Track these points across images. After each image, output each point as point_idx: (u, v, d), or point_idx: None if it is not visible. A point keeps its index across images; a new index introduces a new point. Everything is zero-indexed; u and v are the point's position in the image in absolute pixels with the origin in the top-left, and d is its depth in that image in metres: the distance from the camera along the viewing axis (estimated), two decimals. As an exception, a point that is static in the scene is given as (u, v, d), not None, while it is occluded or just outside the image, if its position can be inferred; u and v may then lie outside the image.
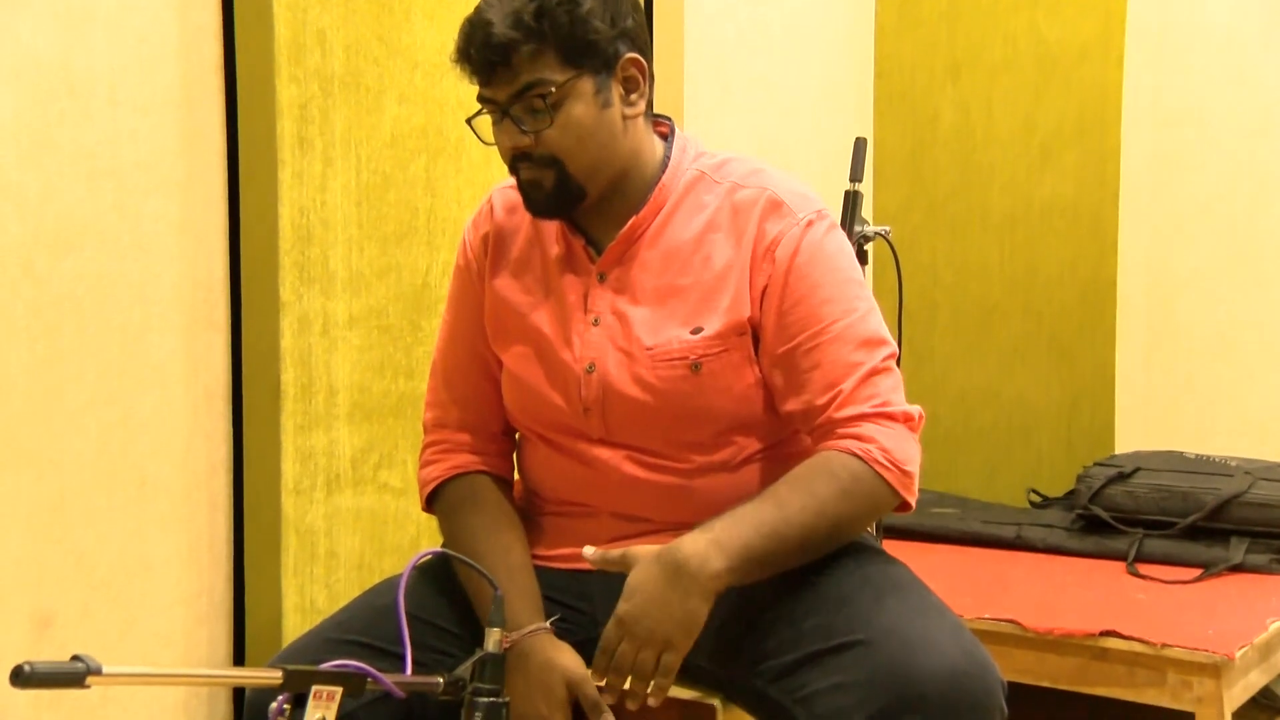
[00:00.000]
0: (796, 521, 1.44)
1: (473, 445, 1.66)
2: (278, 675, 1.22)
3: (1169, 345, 3.55)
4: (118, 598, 2.06)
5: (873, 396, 1.49)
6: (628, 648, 1.42)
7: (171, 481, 2.15)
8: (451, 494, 1.64)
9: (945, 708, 1.32)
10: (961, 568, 3.06)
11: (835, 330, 1.50)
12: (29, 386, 1.94)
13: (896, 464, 1.48)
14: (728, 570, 1.41)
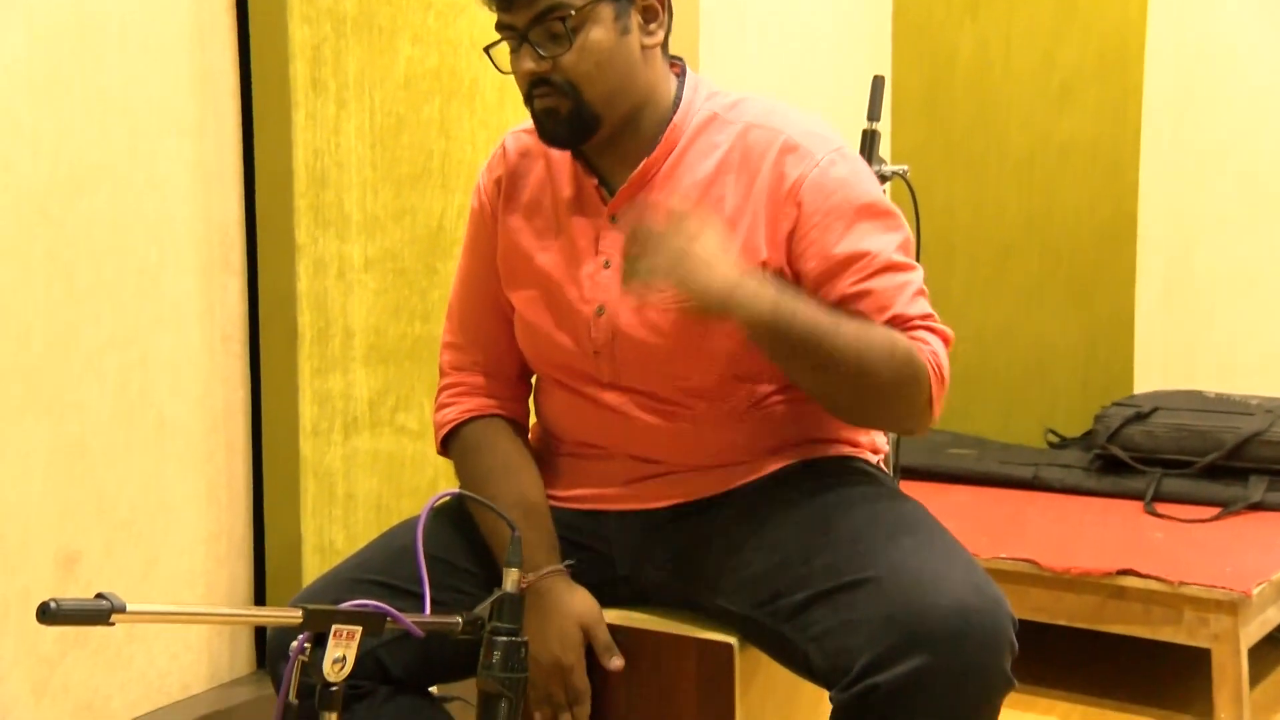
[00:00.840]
0: (841, 345, 1.41)
1: (488, 388, 1.67)
2: (298, 615, 1.24)
3: (1189, 283, 3.52)
4: (140, 537, 2.09)
5: (924, 315, 1.50)
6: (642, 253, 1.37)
7: (190, 423, 2.16)
8: (467, 437, 1.65)
9: (955, 644, 1.32)
10: (978, 508, 3.07)
11: (879, 261, 1.49)
12: (47, 329, 1.95)
13: (941, 370, 1.48)
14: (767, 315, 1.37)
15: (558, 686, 1.52)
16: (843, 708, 1.37)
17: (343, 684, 1.25)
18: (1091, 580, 2.63)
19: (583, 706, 1.53)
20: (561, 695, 1.52)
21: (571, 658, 1.51)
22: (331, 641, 1.24)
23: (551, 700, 1.52)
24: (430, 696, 1.62)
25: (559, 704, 1.53)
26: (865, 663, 1.34)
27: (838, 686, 1.37)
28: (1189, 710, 2.62)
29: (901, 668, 1.32)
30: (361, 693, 1.54)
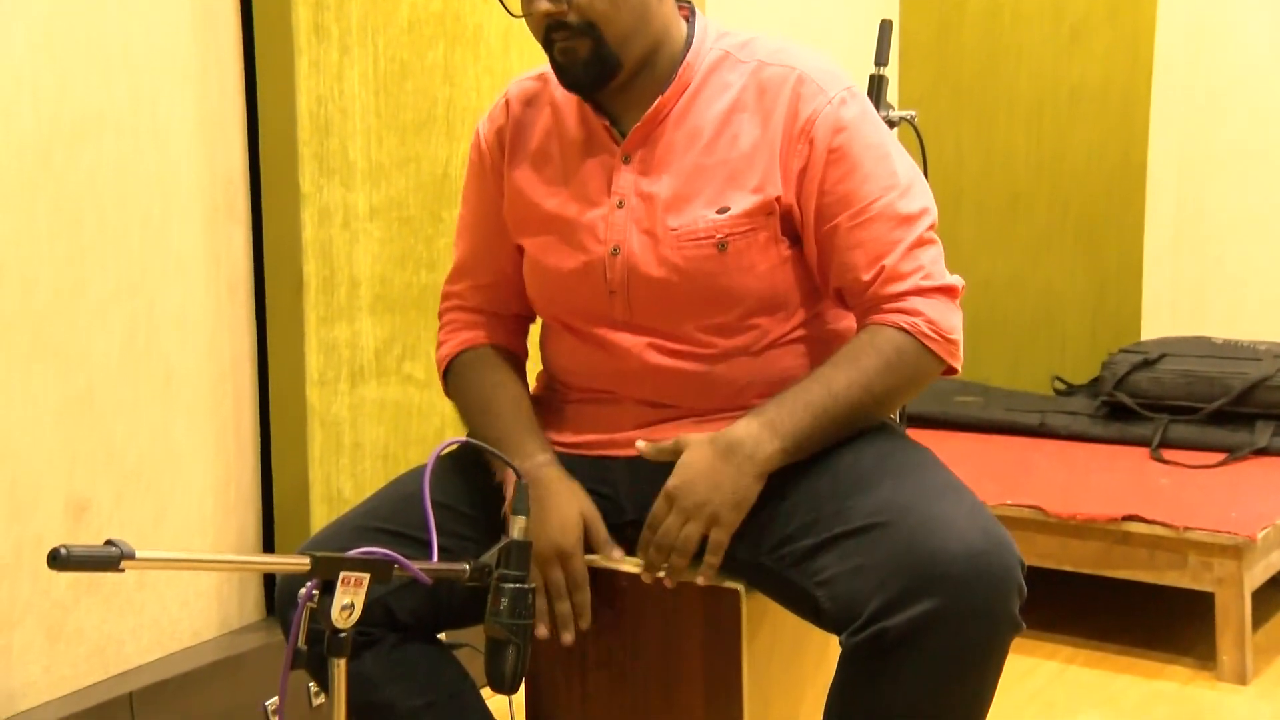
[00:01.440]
0: (844, 399, 1.47)
1: (481, 323, 1.69)
2: (306, 562, 1.24)
3: (1199, 229, 3.50)
4: (149, 486, 2.09)
5: (917, 270, 1.50)
6: (674, 521, 1.45)
7: (197, 373, 2.16)
8: (460, 364, 1.67)
9: (964, 587, 1.33)
10: (985, 455, 3.07)
11: (876, 208, 1.50)
12: (54, 279, 1.94)
13: (942, 334, 1.49)
14: (781, 451, 1.45)
15: (557, 572, 1.52)
16: (851, 652, 1.38)
17: (351, 631, 1.26)
18: (1097, 526, 2.63)
19: (582, 592, 1.53)
20: (561, 581, 1.52)
21: (571, 542, 1.51)
22: (340, 588, 1.25)
23: (552, 587, 1.53)
24: (438, 643, 1.63)
25: (559, 591, 1.52)
26: (874, 607, 1.35)
27: (846, 631, 1.37)
28: (1191, 654, 2.64)
29: (911, 612, 1.33)
30: (370, 640, 1.54)
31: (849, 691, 1.40)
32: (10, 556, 1.90)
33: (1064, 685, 2.53)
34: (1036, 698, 2.47)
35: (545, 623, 1.52)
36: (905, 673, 1.34)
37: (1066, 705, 2.44)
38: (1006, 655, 1.38)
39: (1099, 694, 2.49)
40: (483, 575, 1.39)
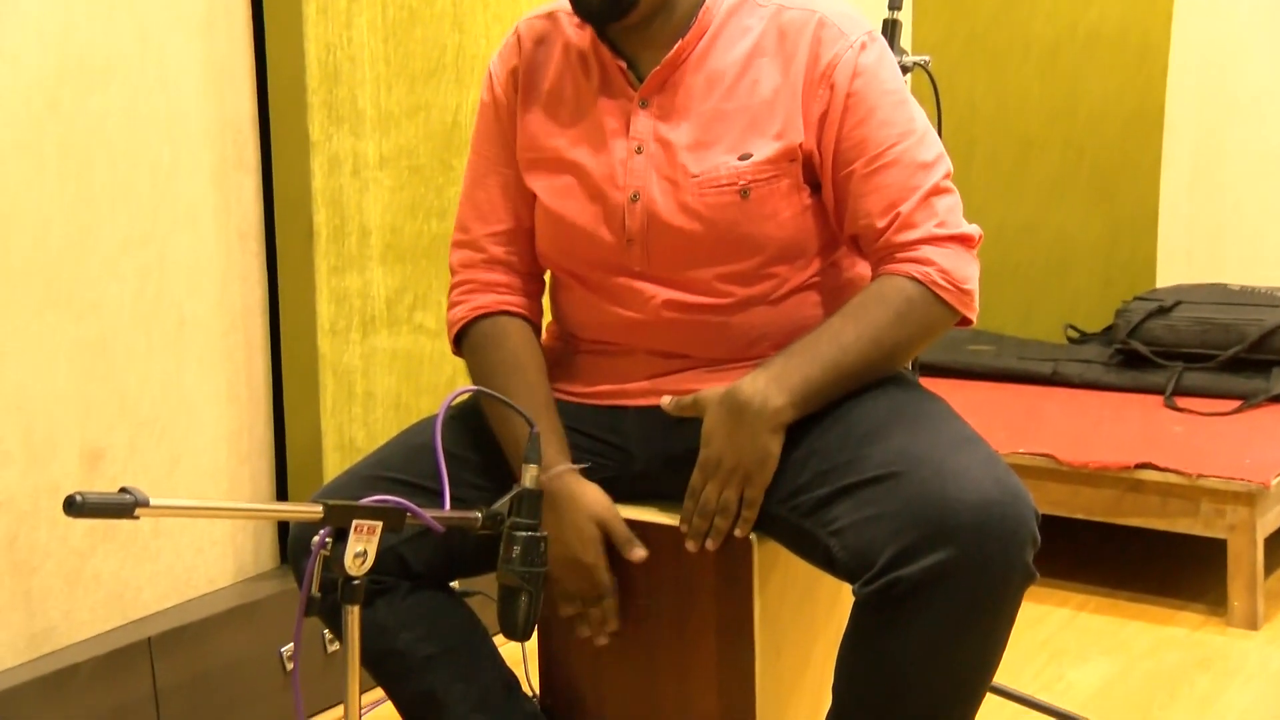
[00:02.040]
0: (853, 350, 1.46)
1: (500, 285, 1.65)
2: (318, 510, 1.24)
3: (1216, 174, 3.45)
4: (162, 435, 2.10)
5: (931, 218, 1.48)
6: (712, 488, 1.47)
7: (209, 322, 2.16)
8: (477, 333, 1.63)
9: (978, 537, 1.32)
10: (997, 404, 3.06)
11: (894, 154, 1.48)
12: (64, 226, 1.94)
13: (955, 284, 1.48)
14: (789, 405, 1.44)
15: (582, 584, 1.53)
16: (865, 602, 1.38)
17: (364, 578, 1.26)
18: (1109, 474, 2.63)
19: (609, 600, 1.54)
20: (588, 592, 1.53)
21: (591, 555, 1.52)
22: (352, 536, 1.25)
23: (579, 598, 1.53)
24: (451, 592, 1.63)
25: (585, 600, 1.54)
26: (888, 557, 1.34)
27: (860, 581, 1.37)
28: (1202, 599, 2.64)
29: (924, 561, 1.32)
30: (383, 588, 1.55)
31: (862, 641, 1.40)
32: (28, 504, 1.91)
33: (1074, 632, 2.53)
34: (1047, 645, 2.47)
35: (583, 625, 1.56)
36: (918, 622, 1.34)
37: (1077, 652, 2.45)
38: (1020, 605, 1.38)
39: (1109, 640, 2.50)
40: (495, 523, 1.39)
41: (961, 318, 1.51)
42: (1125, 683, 2.31)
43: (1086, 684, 2.31)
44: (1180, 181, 3.49)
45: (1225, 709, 2.21)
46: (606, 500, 1.54)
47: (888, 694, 1.39)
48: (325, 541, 1.25)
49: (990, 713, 2.12)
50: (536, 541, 1.40)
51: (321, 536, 1.25)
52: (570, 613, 1.55)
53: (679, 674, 1.59)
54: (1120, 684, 2.31)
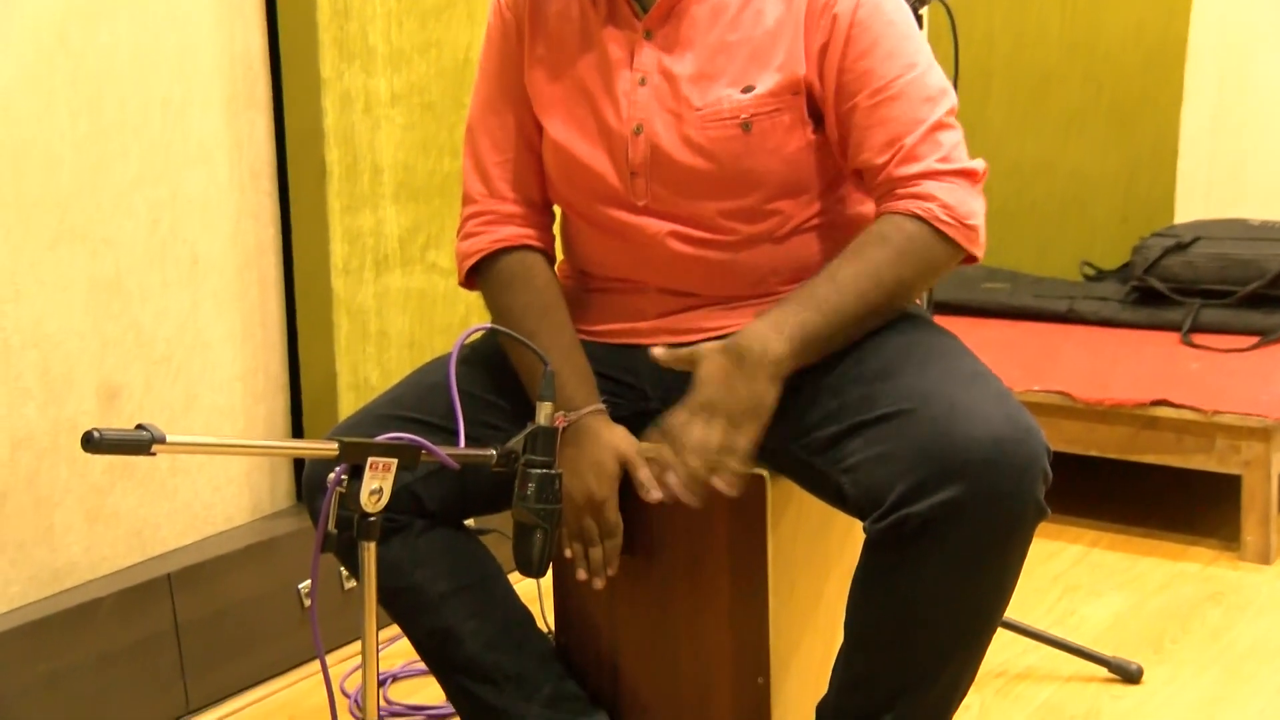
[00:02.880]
0: (852, 292, 1.43)
1: (517, 216, 1.63)
2: (334, 447, 1.24)
3: (1239, 107, 3.40)
4: (178, 373, 2.11)
5: (934, 151, 1.46)
6: (696, 427, 1.42)
7: (222, 260, 2.16)
8: (500, 270, 1.61)
9: (989, 474, 1.32)
10: (1012, 342, 3.05)
11: (897, 86, 1.46)
12: (75, 162, 1.93)
13: (959, 219, 1.45)
14: (789, 353, 1.42)
15: (590, 520, 1.53)
16: (876, 538, 1.38)
17: (380, 515, 1.27)
18: (1125, 411, 2.62)
19: (614, 540, 1.54)
20: (594, 529, 1.54)
21: (605, 490, 1.52)
22: (368, 473, 1.25)
23: (584, 534, 1.54)
24: (465, 529, 1.65)
25: (591, 538, 1.54)
26: (899, 494, 1.34)
27: (871, 518, 1.38)
28: (1215, 535, 2.65)
29: (935, 498, 1.32)
30: (398, 526, 1.56)
31: (873, 577, 1.41)
32: (47, 440, 1.93)
33: (1087, 568, 2.54)
34: (1059, 580, 2.49)
35: (582, 567, 1.54)
36: (929, 559, 1.35)
37: (1089, 587, 2.46)
38: (1031, 541, 1.38)
39: (1122, 576, 2.51)
40: (509, 461, 1.40)
41: (967, 254, 1.48)
42: (1137, 617, 2.32)
43: (1098, 618, 2.32)
44: (1202, 114, 3.44)
45: (1236, 641, 2.22)
46: (633, 441, 1.53)
47: (899, 630, 1.40)
48: (340, 479, 1.26)
49: (1002, 647, 2.15)
50: (551, 479, 1.40)
51: (337, 474, 1.26)
52: (570, 554, 1.55)
53: (692, 611, 1.61)
54: (1132, 618, 2.32)
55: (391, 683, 2.14)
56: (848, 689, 1.47)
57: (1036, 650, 2.16)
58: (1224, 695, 2.03)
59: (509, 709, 1.60)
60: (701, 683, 1.62)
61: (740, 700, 1.59)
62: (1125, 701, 2.03)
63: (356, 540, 1.28)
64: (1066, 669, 2.12)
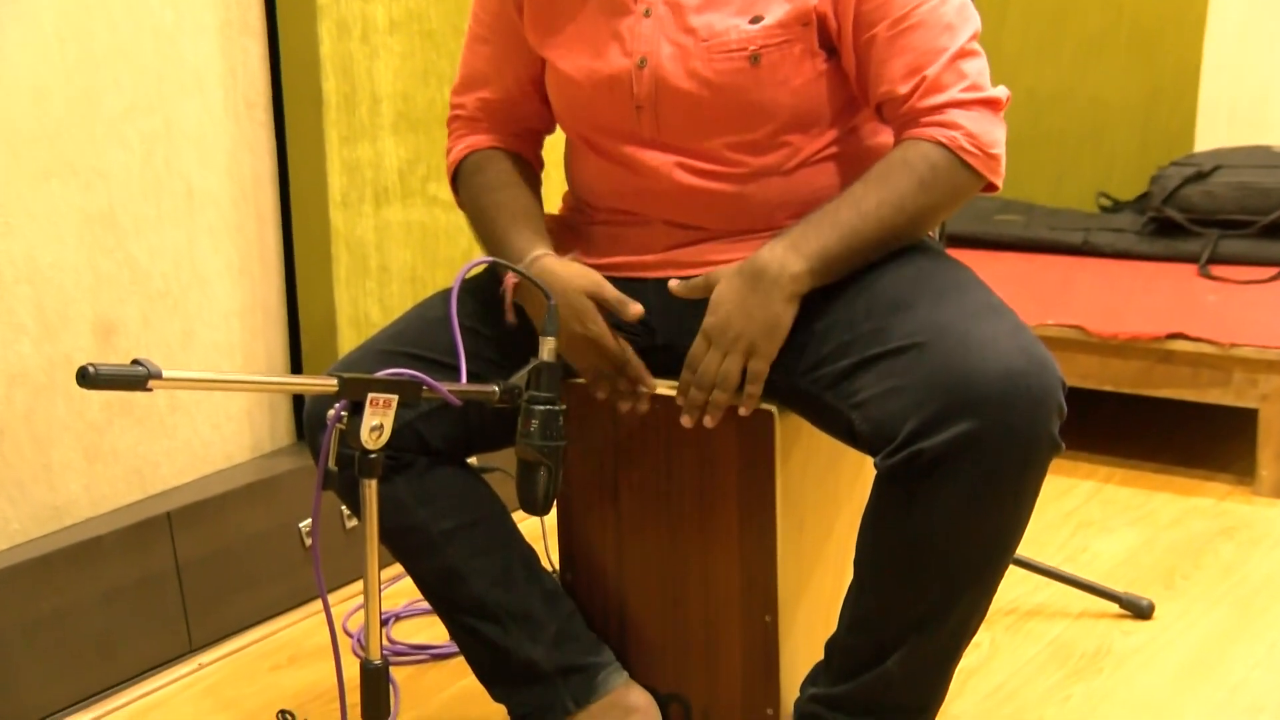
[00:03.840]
0: (874, 217, 1.43)
1: (490, 125, 1.66)
2: (333, 383, 1.24)
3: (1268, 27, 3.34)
4: (174, 309, 2.10)
5: (959, 80, 1.45)
6: (713, 357, 1.44)
7: (218, 193, 2.15)
8: (466, 166, 1.64)
9: (1003, 408, 1.31)
10: (1026, 275, 3.03)
11: (919, 14, 1.44)
12: (66, 92, 1.91)
13: (982, 148, 1.44)
14: (807, 271, 1.42)
15: (596, 358, 1.52)
16: (887, 474, 1.38)
17: (381, 452, 1.26)
18: (1140, 345, 2.61)
19: (631, 364, 1.52)
20: (604, 364, 1.53)
21: (592, 328, 1.50)
22: (368, 410, 1.25)
23: (599, 374, 1.53)
24: (468, 468, 1.65)
25: (607, 373, 1.53)
26: (911, 429, 1.34)
27: (882, 453, 1.37)
28: (1230, 470, 2.65)
29: (947, 433, 1.32)
30: (400, 464, 1.56)
31: (884, 514, 1.41)
32: (44, 376, 1.93)
33: (1100, 503, 2.55)
34: (1072, 516, 2.49)
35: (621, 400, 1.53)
36: (941, 494, 1.35)
37: (1102, 522, 2.46)
38: (1044, 477, 1.38)
39: (1135, 511, 2.51)
40: (512, 397, 1.39)
41: (987, 184, 1.47)
42: (1150, 552, 2.33)
43: (1111, 554, 2.33)
44: (1226, 38, 3.38)
45: (1249, 576, 2.23)
46: (590, 271, 1.52)
47: (909, 567, 1.40)
48: (341, 415, 1.25)
49: (1013, 584, 2.16)
50: (555, 415, 1.40)
51: (337, 410, 1.26)
52: (604, 393, 1.54)
53: (701, 548, 1.61)
54: (1145, 553, 2.33)
55: (394, 622, 2.15)
56: (857, 626, 1.47)
57: (1048, 587, 2.17)
58: (1236, 631, 2.04)
59: (514, 648, 1.61)
60: (709, 621, 1.62)
61: (748, 638, 1.60)
62: (1136, 637, 2.04)
63: (358, 478, 1.27)
64: (1078, 605, 2.13)
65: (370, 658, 1.28)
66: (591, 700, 1.64)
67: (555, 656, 1.63)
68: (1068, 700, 1.87)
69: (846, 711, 1.49)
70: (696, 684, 1.65)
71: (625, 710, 1.65)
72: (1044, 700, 1.87)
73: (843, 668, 1.49)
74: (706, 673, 1.64)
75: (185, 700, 1.96)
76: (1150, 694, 1.88)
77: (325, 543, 2.18)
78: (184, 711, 1.93)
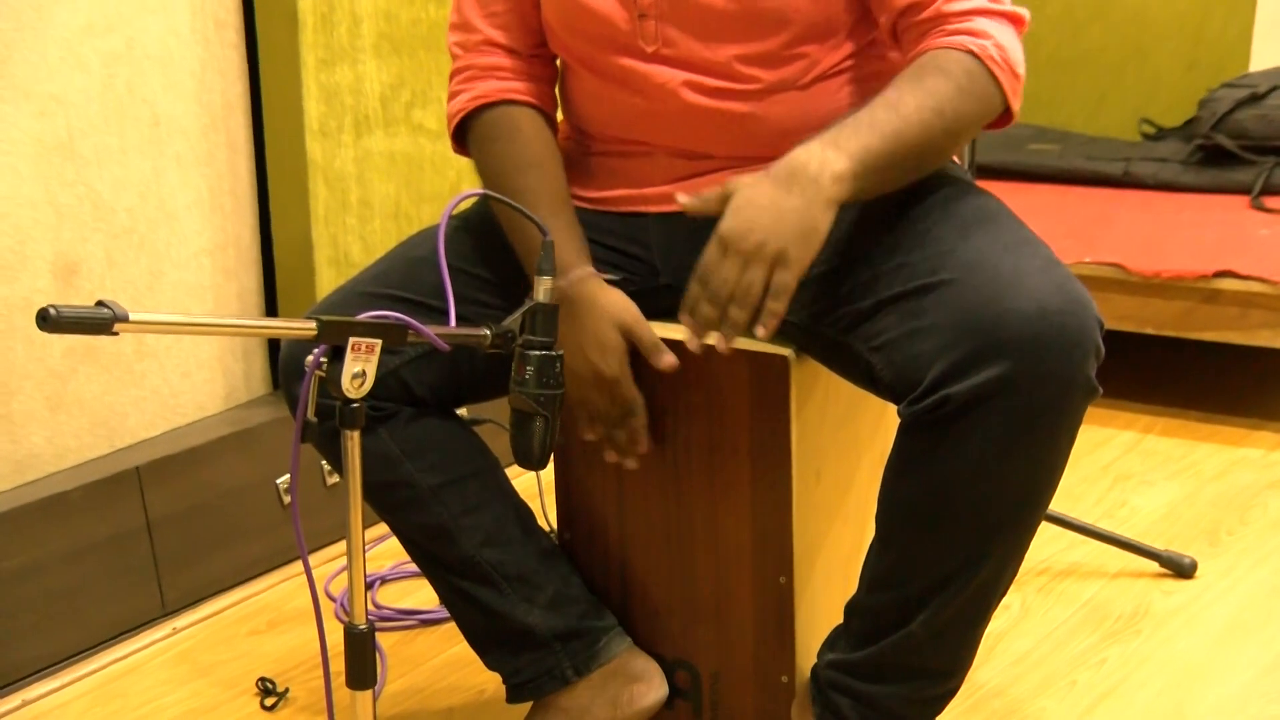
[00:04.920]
0: (915, 120, 1.38)
1: (503, 69, 1.60)
2: (312, 327, 1.23)
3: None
4: (141, 247, 2.10)
5: None
6: (731, 265, 1.32)
7: (186, 121, 2.13)
8: (482, 125, 1.59)
9: (1036, 350, 1.30)
10: (1061, 209, 3.02)
11: None
12: (13, 4, 1.89)
13: (1010, 64, 1.42)
14: (851, 173, 1.34)
15: (605, 401, 1.52)
16: (911, 423, 1.37)
17: (363, 402, 1.26)
18: (1184, 284, 2.61)
19: (638, 418, 1.54)
20: (612, 409, 1.53)
21: (614, 367, 1.51)
22: (349, 355, 1.24)
23: (602, 417, 1.54)
24: (458, 419, 1.64)
25: (611, 420, 1.53)
26: (937, 373, 1.33)
27: (905, 400, 1.37)
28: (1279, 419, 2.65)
29: (977, 377, 1.31)
30: (384, 415, 1.56)
31: (907, 465, 1.41)
32: (1, 321, 1.92)
33: (1140, 455, 2.55)
34: (1110, 469, 2.50)
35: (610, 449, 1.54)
36: (969, 444, 1.34)
37: (1142, 476, 2.47)
38: (1080, 424, 1.37)
39: (1178, 463, 2.51)
40: (505, 341, 1.39)
41: (1005, 110, 1.44)
42: (1192, 507, 2.34)
43: (1151, 509, 2.33)
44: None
45: (1300, 535, 2.24)
46: (630, 304, 1.52)
47: (935, 522, 1.40)
48: (320, 361, 1.25)
49: (1045, 542, 2.17)
50: (552, 360, 1.39)
51: (316, 356, 1.25)
52: (594, 436, 1.56)
53: (709, 504, 1.61)
54: (1187, 508, 2.33)
55: (380, 585, 2.17)
56: (879, 586, 1.48)
57: (1083, 545, 2.17)
58: (1285, 591, 2.05)
59: (509, 612, 1.62)
60: (718, 582, 1.63)
61: (761, 601, 1.61)
62: (1177, 597, 2.05)
63: (339, 429, 1.27)
64: (1114, 564, 2.13)
65: (355, 622, 1.29)
66: (592, 667, 1.65)
67: (553, 621, 1.63)
68: (1103, 664, 1.88)
69: (868, 678, 1.50)
70: (705, 650, 1.66)
71: (628, 678, 1.66)
72: (1077, 664, 1.88)
73: (863, 631, 1.50)
74: (716, 638, 1.65)
75: (159, 666, 1.97)
76: (1191, 657, 1.89)
77: (305, 500, 2.19)
78: (157, 677, 1.94)
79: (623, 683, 1.66)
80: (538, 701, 1.67)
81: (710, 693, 1.67)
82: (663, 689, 1.68)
